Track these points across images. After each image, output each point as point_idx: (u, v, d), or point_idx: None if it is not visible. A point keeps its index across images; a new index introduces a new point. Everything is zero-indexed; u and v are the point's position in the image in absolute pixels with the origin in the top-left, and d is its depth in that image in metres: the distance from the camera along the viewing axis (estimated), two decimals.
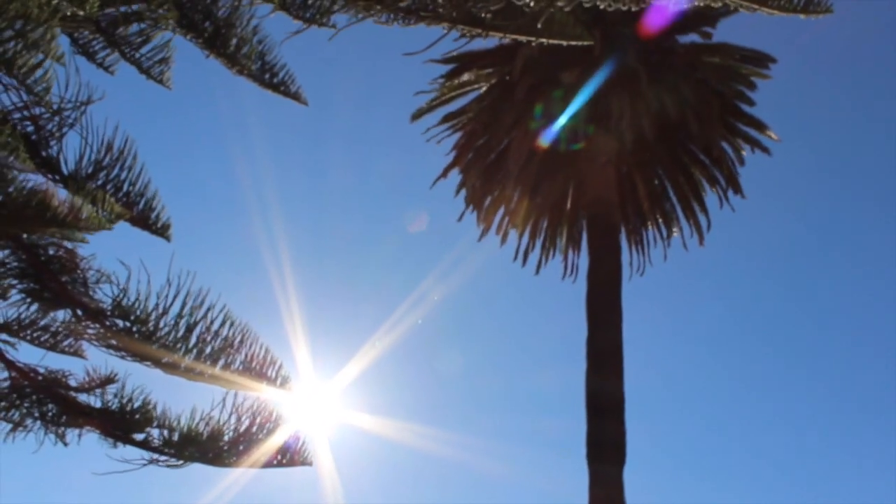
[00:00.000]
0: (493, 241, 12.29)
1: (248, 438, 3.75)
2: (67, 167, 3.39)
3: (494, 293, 17.71)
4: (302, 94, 4.35)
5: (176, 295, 3.45)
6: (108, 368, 3.88)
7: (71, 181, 3.33)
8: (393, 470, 15.17)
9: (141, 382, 3.81)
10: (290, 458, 3.84)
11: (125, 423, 3.77)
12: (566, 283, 12.33)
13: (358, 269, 17.01)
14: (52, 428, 3.95)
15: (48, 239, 3.59)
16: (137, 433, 3.78)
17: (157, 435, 3.77)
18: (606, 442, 9.93)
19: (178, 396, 3.82)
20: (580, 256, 12.26)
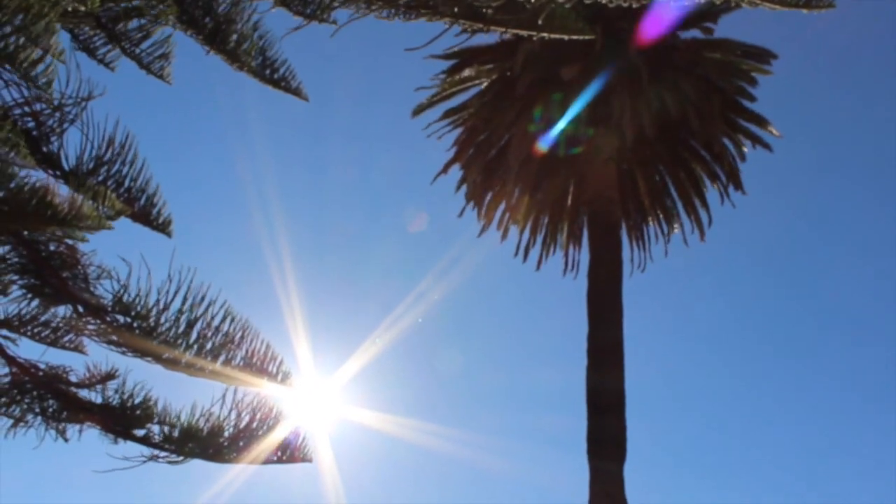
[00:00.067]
0: (493, 237, 12.30)
1: (248, 434, 3.76)
2: (68, 163, 3.39)
3: (495, 289, 17.72)
4: (303, 89, 4.35)
5: (177, 291, 3.45)
6: (108, 364, 3.89)
7: (72, 177, 3.32)
8: (394, 466, 15.19)
9: (142, 378, 3.82)
10: (290, 454, 3.85)
11: (126, 419, 3.77)
12: (567, 279, 12.33)
13: (359, 264, 17.02)
14: (52, 424, 3.95)
15: (49, 235, 3.59)
16: (138, 429, 3.79)
17: (157, 431, 3.77)
18: (607, 438, 9.93)
19: (178, 392, 3.83)
20: (581, 253, 12.26)
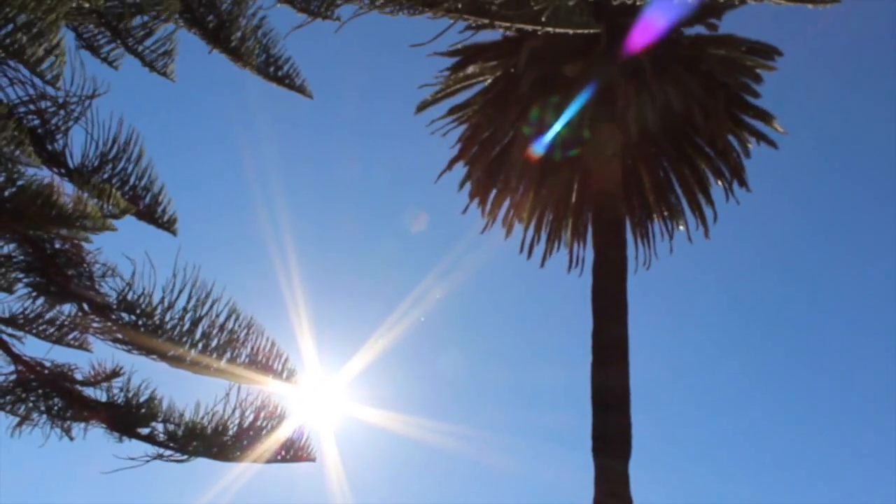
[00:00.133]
0: (497, 234, 12.27)
1: (252, 433, 3.75)
2: (73, 161, 3.39)
3: (499, 286, 17.70)
4: (307, 86, 4.34)
5: (181, 289, 3.45)
6: (113, 362, 3.89)
7: (77, 174, 3.32)
8: (398, 463, 15.19)
9: (146, 376, 3.81)
10: (294, 453, 3.84)
11: (131, 417, 3.77)
12: (571, 276, 12.30)
13: (363, 262, 17.02)
14: (57, 422, 3.95)
15: (54, 233, 3.58)
16: (143, 427, 3.78)
17: (162, 429, 3.77)
18: (612, 436, 9.91)
19: (183, 390, 3.82)
20: (585, 249, 12.23)
